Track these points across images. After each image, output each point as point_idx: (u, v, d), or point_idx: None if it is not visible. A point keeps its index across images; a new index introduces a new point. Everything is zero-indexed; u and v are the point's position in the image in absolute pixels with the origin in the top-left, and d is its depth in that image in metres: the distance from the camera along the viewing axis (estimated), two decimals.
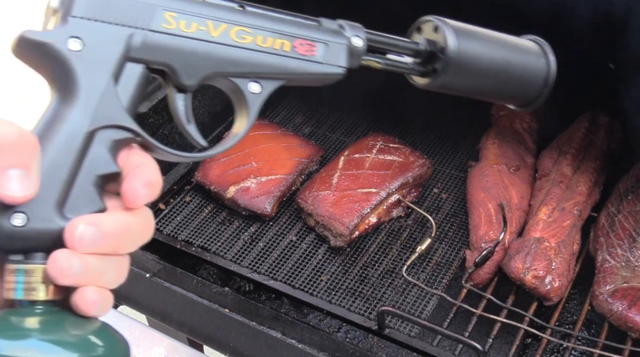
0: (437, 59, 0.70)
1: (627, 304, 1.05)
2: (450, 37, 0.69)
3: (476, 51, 0.70)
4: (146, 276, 1.24)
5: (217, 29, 0.56)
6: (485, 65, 0.72)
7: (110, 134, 0.52)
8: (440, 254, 1.27)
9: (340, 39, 0.62)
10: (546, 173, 1.31)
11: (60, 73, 0.51)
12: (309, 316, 1.15)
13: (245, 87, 0.59)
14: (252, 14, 0.58)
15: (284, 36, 0.58)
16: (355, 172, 1.33)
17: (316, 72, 0.61)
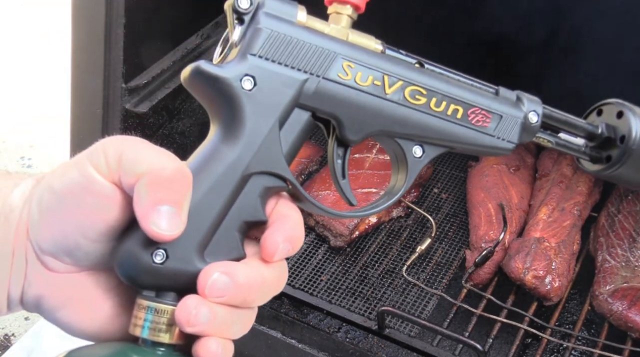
0: (614, 147, 0.65)
1: (627, 304, 1.05)
2: (635, 127, 0.63)
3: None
4: None
5: (393, 86, 0.53)
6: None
7: (264, 180, 0.49)
8: (440, 254, 1.27)
9: (516, 113, 0.58)
10: (546, 173, 1.31)
11: (228, 110, 0.49)
12: (309, 316, 1.15)
13: (409, 150, 0.56)
14: (430, 74, 0.55)
15: (459, 102, 0.55)
16: (355, 172, 1.33)
17: (484, 145, 0.57)
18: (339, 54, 0.51)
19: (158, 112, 1.38)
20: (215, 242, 0.48)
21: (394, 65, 0.53)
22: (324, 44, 0.51)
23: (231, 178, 0.48)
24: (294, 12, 0.51)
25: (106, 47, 1.20)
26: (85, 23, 1.23)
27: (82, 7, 1.23)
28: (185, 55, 1.42)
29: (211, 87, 0.50)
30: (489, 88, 0.59)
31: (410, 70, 0.54)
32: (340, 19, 0.53)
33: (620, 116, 0.66)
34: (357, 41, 0.53)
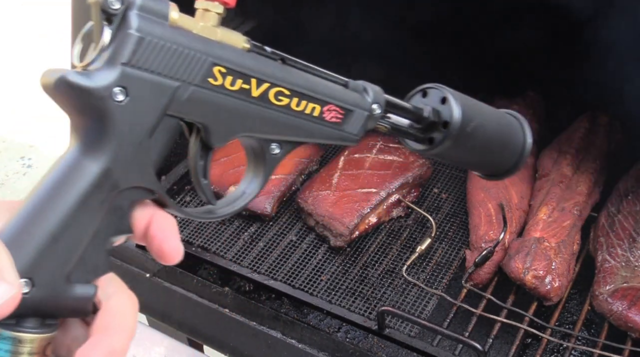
0: (437, 130, 0.69)
1: (627, 304, 1.05)
2: (456, 114, 0.67)
3: (475, 129, 0.70)
4: (146, 276, 1.24)
5: (259, 89, 0.53)
6: (479, 142, 0.72)
7: (132, 194, 0.48)
8: (440, 254, 1.27)
9: (363, 107, 0.61)
10: (546, 173, 1.31)
11: (96, 122, 0.46)
12: (309, 316, 1.15)
13: (268, 148, 0.57)
14: (292, 72, 0.55)
15: (317, 101, 0.57)
16: (355, 172, 1.33)
17: (334, 138, 0.60)
18: (210, 58, 0.49)
19: None
20: (82, 263, 0.46)
21: (261, 66, 0.53)
22: (197, 48, 0.49)
23: (97, 196, 0.46)
24: (166, 11, 0.48)
25: None
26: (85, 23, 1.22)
27: (82, 7, 1.23)
28: None
29: (78, 98, 0.45)
30: (341, 81, 0.61)
31: (276, 70, 0.54)
32: (209, 16, 0.51)
33: (444, 102, 0.69)
34: (226, 40, 0.51)
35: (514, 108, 1.46)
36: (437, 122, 0.69)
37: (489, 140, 0.73)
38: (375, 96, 0.63)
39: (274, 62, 0.54)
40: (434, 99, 0.70)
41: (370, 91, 0.63)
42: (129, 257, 1.27)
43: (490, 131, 0.73)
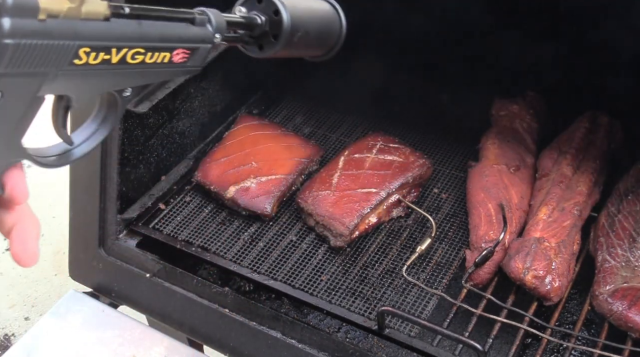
0: (267, 38, 0.76)
1: (627, 304, 1.05)
2: (286, 28, 0.75)
3: (301, 37, 0.78)
4: (146, 276, 1.24)
5: (118, 55, 0.57)
6: (304, 44, 0.80)
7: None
8: (440, 254, 1.27)
9: (207, 41, 0.67)
10: (546, 173, 1.31)
11: None
12: (309, 316, 1.15)
13: (121, 94, 0.63)
14: (146, 27, 0.60)
15: (167, 49, 0.62)
16: (355, 172, 1.33)
17: (180, 73, 0.67)
18: (76, 42, 0.53)
19: (158, 112, 1.38)
20: None
21: (120, 31, 0.57)
22: (64, 35, 0.51)
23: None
24: (36, 4, 0.48)
25: None
26: None
27: None
28: None
29: None
30: (187, 16, 0.66)
31: (133, 31, 0.58)
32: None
33: (277, 14, 0.76)
34: (90, 15, 0.54)
35: (514, 108, 1.47)
36: (268, 32, 0.76)
37: (313, 39, 0.82)
38: (217, 26, 0.68)
39: (131, 22, 0.59)
40: (268, 7, 0.76)
41: (214, 21, 0.68)
42: (129, 257, 1.27)
43: (314, 33, 0.82)
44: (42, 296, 2.41)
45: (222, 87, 1.55)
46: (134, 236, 1.30)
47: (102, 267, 1.29)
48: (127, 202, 1.33)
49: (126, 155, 1.30)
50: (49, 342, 1.19)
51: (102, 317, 1.23)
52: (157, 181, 1.41)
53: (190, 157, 1.48)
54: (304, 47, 0.82)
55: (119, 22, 0.57)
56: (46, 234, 2.63)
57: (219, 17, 0.70)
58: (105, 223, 1.29)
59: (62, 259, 2.52)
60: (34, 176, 2.99)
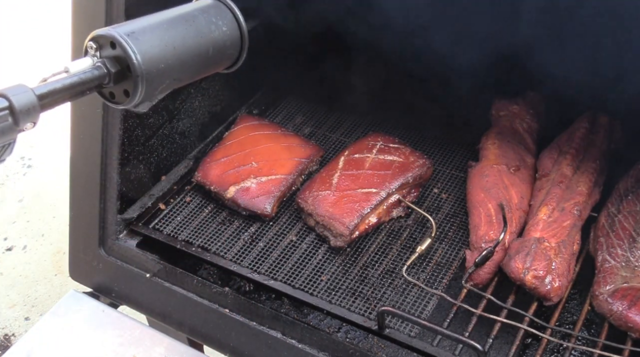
0: (127, 77, 0.67)
1: (627, 304, 1.05)
2: (132, 51, 0.65)
3: (166, 53, 0.67)
4: (146, 276, 1.24)
5: None
6: (187, 65, 0.69)
7: None
8: (440, 254, 1.27)
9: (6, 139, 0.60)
10: (546, 173, 1.31)
11: None
12: (309, 316, 1.15)
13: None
14: None
15: None
16: (355, 172, 1.33)
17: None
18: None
19: (158, 112, 1.38)
20: None
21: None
22: None
23: None
24: None
25: None
26: (85, 23, 1.23)
27: (82, 7, 1.23)
28: None
29: None
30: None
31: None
32: None
33: (114, 47, 0.66)
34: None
35: (514, 108, 1.47)
36: (121, 69, 0.66)
37: (197, 56, 0.71)
38: (22, 117, 0.59)
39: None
40: (106, 48, 0.67)
41: (17, 108, 0.59)
42: (129, 257, 1.27)
43: (194, 69, 0.71)
44: (42, 296, 2.40)
45: (222, 87, 1.55)
46: (134, 236, 1.30)
47: (102, 267, 1.29)
48: (127, 202, 1.33)
49: (126, 155, 1.30)
50: (49, 342, 1.19)
51: (102, 317, 1.23)
52: (157, 180, 1.41)
53: (190, 157, 1.48)
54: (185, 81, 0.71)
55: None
56: (46, 234, 2.63)
57: (27, 98, 0.60)
58: (105, 223, 1.29)
59: (62, 259, 2.52)
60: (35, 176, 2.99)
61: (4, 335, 2.30)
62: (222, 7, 0.76)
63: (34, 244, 2.59)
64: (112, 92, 0.70)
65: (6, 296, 2.41)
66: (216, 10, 0.75)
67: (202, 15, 0.74)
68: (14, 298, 2.40)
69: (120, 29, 0.66)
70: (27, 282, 2.46)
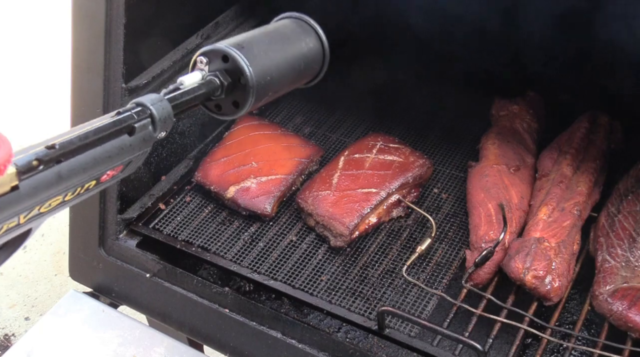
0: (237, 89, 0.71)
1: (627, 304, 1.05)
2: (245, 64, 0.69)
3: (272, 86, 0.72)
4: (146, 276, 1.24)
5: (28, 216, 0.53)
6: (283, 80, 0.75)
7: None
8: (440, 254, 1.27)
9: (147, 145, 0.62)
10: (546, 173, 1.31)
11: None
12: (309, 316, 1.15)
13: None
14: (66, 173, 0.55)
15: (91, 179, 0.58)
16: (355, 172, 1.33)
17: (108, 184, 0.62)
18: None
19: None
20: None
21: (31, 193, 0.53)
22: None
23: None
24: None
25: (106, 47, 1.20)
26: (85, 23, 1.23)
27: (82, 7, 1.23)
28: (185, 55, 1.42)
29: None
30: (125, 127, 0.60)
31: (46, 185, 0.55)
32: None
33: (226, 60, 0.71)
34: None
35: (514, 108, 1.47)
36: (232, 82, 0.71)
37: (288, 85, 0.77)
38: (161, 123, 0.63)
39: (48, 175, 0.53)
40: (215, 62, 0.71)
41: (157, 117, 0.62)
42: (129, 257, 1.27)
43: (289, 81, 0.77)
44: (42, 296, 2.40)
45: None
46: (134, 236, 1.30)
47: (102, 267, 1.29)
48: (127, 202, 1.33)
49: None
50: (49, 342, 1.19)
51: (102, 317, 1.23)
52: (157, 180, 1.41)
53: (190, 157, 1.48)
54: (278, 94, 0.77)
55: (31, 181, 0.52)
56: (46, 234, 2.63)
57: (165, 110, 0.63)
58: (105, 223, 1.29)
59: (62, 259, 2.52)
60: None
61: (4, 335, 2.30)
62: (305, 25, 0.83)
63: (33, 244, 2.59)
64: (218, 104, 0.74)
65: (6, 296, 2.41)
66: (302, 27, 0.83)
67: (293, 32, 0.81)
68: (14, 298, 2.40)
69: (228, 43, 0.71)
70: (27, 282, 2.46)
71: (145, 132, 0.62)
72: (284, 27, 0.81)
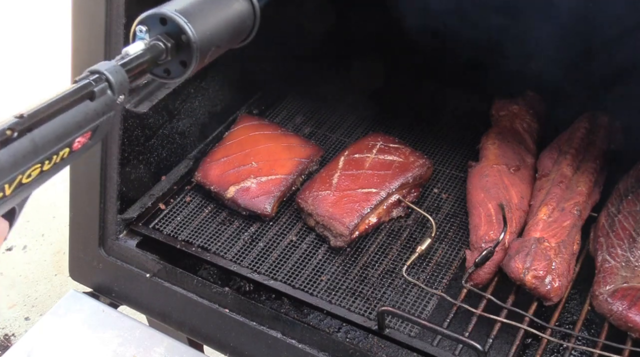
0: (181, 49, 0.74)
1: (627, 304, 1.05)
2: (183, 21, 0.73)
3: (213, 43, 0.76)
4: (146, 276, 1.24)
5: (11, 187, 0.55)
6: (218, 49, 0.78)
7: None
8: (440, 254, 1.26)
9: (110, 109, 0.65)
10: (546, 173, 1.31)
11: None
12: (309, 316, 1.15)
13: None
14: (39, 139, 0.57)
15: (65, 146, 0.60)
16: (355, 172, 1.33)
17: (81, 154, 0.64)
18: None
19: (158, 112, 1.38)
20: None
21: (11, 162, 0.55)
22: None
23: None
24: None
25: (106, 48, 1.20)
26: (85, 23, 1.22)
27: (82, 7, 1.23)
28: None
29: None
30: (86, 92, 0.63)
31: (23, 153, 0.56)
32: None
33: (164, 23, 0.74)
34: None
35: (514, 108, 1.47)
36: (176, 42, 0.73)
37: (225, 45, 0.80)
38: (119, 87, 0.66)
39: (23, 142, 0.55)
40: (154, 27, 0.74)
41: (114, 82, 0.65)
42: (129, 257, 1.27)
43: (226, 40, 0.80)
44: (42, 296, 2.40)
45: (222, 87, 1.55)
46: (134, 236, 1.30)
47: (102, 267, 1.29)
48: (127, 202, 1.33)
49: (126, 155, 1.30)
50: (49, 342, 1.19)
51: (102, 317, 1.23)
52: (157, 180, 1.41)
53: (190, 157, 1.48)
54: (216, 55, 0.80)
55: (9, 149, 0.54)
56: (46, 234, 2.63)
57: (119, 73, 0.66)
58: (105, 223, 1.29)
59: (62, 259, 2.52)
60: None
61: (4, 335, 2.30)
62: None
63: (34, 244, 2.59)
64: (167, 69, 0.76)
65: (6, 296, 2.41)
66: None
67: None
68: (14, 298, 2.40)
69: (164, 8, 0.74)
70: (27, 282, 2.46)
71: (106, 96, 0.64)
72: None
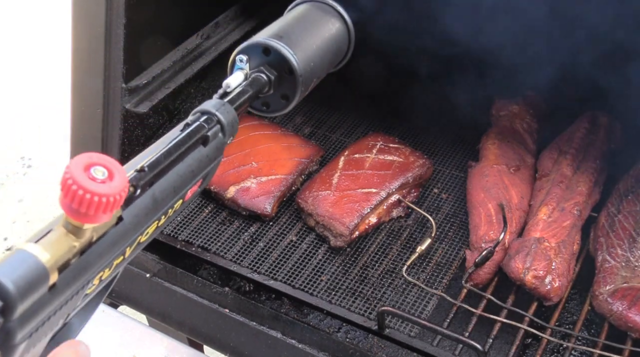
0: (283, 81, 0.69)
1: (627, 304, 1.05)
2: (289, 54, 0.68)
3: (315, 74, 0.71)
4: (146, 276, 1.24)
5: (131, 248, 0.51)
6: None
7: None
8: (440, 254, 1.27)
9: (219, 153, 0.61)
10: (546, 173, 1.31)
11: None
12: (309, 316, 1.15)
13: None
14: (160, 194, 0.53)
15: (180, 198, 0.56)
16: (355, 172, 1.33)
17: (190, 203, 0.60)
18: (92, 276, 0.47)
19: (158, 112, 1.38)
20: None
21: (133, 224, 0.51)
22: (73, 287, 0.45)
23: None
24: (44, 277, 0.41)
25: (106, 47, 1.20)
26: (85, 23, 1.23)
27: (82, 7, 1.23)
28: (185, 56, 1.42)
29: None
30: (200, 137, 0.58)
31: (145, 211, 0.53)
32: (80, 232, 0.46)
33: (267, 53, 0.69)
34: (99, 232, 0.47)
35: (514, 108, 1.47)
36: (278, 75, 0.69)
37: (324, 73, 0.76)
38: (230, 128, 0.61)
39: (144, 200, 0.51)
40: (255, 58, 0.69)
41: (225, 123, 0.61)
42: None
43: (326, 68, 0.76)
44: None
45: None
46: None
47: None
48: None
49: (126, 155, 1.30)
50: None
51: (102, 317, 1.23)
52: None
53: None
54: (319, 80, 0.76)
55: (132, 209, 0.50)
56: None
57: (230, 114, 0.61)
58: None
59: None
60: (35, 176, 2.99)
61: None
62: (325, 7, 0.81)
63: None
64: (266, 102, 0.72)
65: None
66: (323, 9, 0.80)
67: (318, 15, 0.79)
68: None
69: (266, 35, 0.69)
70: None
71: (217, 139, 0.60)
72: (308, 12, 0.79)
